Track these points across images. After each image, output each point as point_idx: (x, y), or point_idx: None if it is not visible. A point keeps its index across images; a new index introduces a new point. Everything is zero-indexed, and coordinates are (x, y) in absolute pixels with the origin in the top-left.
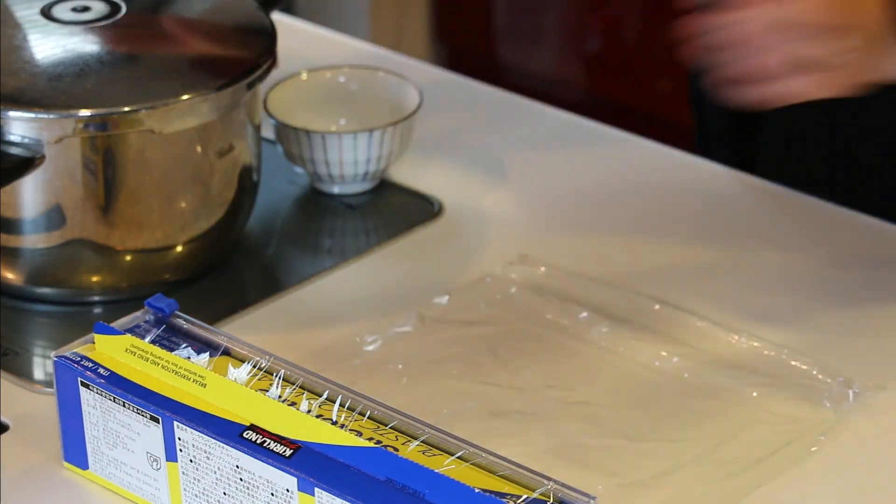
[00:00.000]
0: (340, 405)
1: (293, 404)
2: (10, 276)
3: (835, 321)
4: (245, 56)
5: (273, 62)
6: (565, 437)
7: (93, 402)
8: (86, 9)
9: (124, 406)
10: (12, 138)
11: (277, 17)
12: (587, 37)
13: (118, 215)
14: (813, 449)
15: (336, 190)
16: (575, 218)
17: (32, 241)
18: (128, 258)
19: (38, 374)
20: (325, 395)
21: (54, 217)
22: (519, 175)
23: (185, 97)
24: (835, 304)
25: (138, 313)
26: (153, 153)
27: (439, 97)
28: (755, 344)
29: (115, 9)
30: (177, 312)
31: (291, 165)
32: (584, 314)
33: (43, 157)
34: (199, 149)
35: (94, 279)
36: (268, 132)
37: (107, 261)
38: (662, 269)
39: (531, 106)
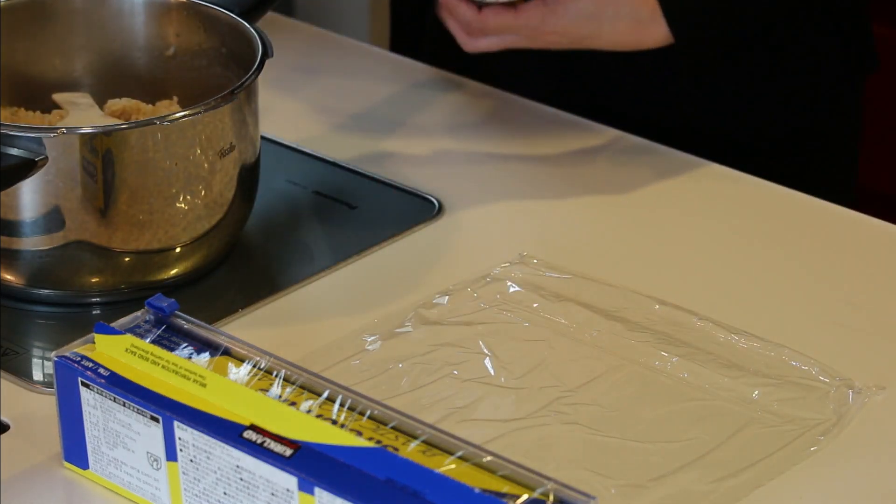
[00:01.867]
0: (340, 405)
1: (293, 404)
2: (10, 277)
3: (835, 321)
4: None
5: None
6: (565, 436)
7: (93, 402)
8: None
9: (124, 406)
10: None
11: (277, 17)
12: None
13: (118, 216)
14: (813, 449)
15: None
16: (575, 218)
17: (33, 242)
18: (128, 259)
19: (38, 374)
20: (325, 395)
21: (54, 219)
22: (519, 175)
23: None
24: (835, 304)
25: (138, 313)
26: (153, 154)
27: (438, 97)
28: (755, 344)
29: None
30: (177, 312)
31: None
32: (584, 314)
33: (45, 158)
34: (198, 149)
35: (95, 280)
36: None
37: (107, 262)
38: (662, 269)
39: (531, 106)
